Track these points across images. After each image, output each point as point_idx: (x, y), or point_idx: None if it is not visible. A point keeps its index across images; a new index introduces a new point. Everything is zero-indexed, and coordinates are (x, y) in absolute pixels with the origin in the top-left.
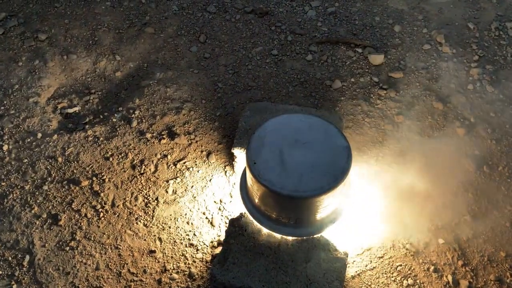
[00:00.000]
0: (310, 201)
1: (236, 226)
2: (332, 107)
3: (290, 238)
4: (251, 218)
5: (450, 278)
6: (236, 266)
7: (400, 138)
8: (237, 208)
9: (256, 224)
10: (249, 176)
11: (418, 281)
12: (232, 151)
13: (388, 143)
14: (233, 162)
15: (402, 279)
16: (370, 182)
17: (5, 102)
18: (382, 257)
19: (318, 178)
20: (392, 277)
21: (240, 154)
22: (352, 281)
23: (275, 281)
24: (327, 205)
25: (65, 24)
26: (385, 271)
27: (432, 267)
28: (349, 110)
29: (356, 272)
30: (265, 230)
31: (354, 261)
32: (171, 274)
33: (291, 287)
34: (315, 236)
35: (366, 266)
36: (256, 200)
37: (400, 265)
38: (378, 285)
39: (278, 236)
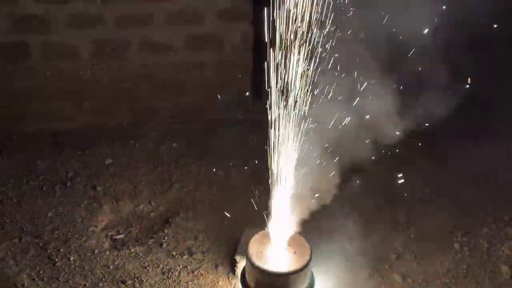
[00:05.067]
0: (288, 279)
1: None
2: None
3: None
4: None
5: None
6: None
7: None
8: None
9: None
10: (247, 265)
11: None
12: (235, 257)
13: None
14: (235, 268)
15: None
16: None
17: (71, 230)
18: None
19: (290, 265)
20: None
21: (240, 260)
22: None
23: None
24: (299, 284)
25: (115, 180)
26: None
27: None
28: None
29: None
30: None
31: None
32: None
33: None
34: None
35: None
36: (252, 285)
37: None
38: None
39: None
